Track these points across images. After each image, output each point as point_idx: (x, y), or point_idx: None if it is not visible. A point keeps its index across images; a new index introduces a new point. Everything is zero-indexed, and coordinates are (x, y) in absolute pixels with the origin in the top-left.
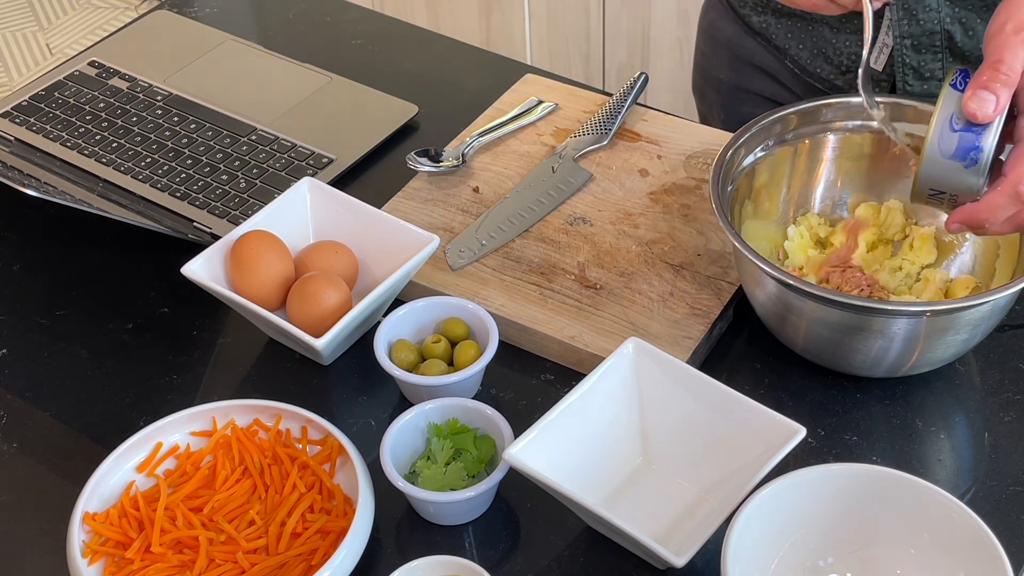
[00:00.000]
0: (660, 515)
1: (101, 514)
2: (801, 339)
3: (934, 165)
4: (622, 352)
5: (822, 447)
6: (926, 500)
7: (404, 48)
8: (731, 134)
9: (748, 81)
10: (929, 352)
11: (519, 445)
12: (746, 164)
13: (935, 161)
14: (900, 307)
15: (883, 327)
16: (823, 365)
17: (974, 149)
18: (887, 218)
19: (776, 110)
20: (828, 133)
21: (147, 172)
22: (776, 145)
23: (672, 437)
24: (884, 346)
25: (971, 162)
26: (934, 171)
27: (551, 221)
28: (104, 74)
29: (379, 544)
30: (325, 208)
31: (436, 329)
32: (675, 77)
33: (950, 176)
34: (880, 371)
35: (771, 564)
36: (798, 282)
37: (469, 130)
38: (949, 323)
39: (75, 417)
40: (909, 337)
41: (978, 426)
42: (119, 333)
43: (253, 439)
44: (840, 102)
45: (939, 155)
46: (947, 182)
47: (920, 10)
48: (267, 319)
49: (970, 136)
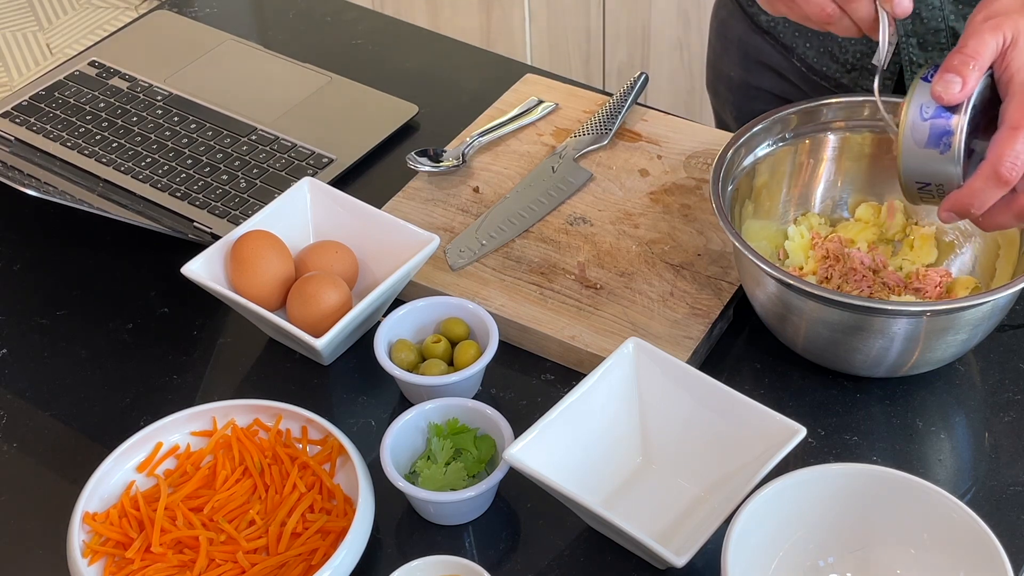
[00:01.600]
0: (660, 515)
1: (101, 514)
2: (801, 339)
3: (911, 157)
4: (622, 352)
5: (822, 447)
6: (926, 500)
7: (404, 48)
8: (731, 134)
9: (758, 79)
10: (929, 352)
11: (519, 445)
12: (746, 164)
13: (911, 152)
14: (900, 307)
15: (883, 327)
16: (823, 365)
17: (946, 134)
18: (886, 216)
19: (777, 110)
20: (828, 133)
21: (147, 172)
22: (776, 145)
23: (672, 437)
24: (884, 346)
25: (945, 147)
26: (912, 163)
27: (551, 221)
28: (104, 74)
29: (379, 544)
30: (325, 208)
31: (436, 329)
32: (675, 77)
33: (929, 166)
34: (880, 371)
35: (771, 564)
36: (798, 282)
37: (469, 130)
38: (949, 323)
39: (75, 417)
40: (909, 337)
41: (978, 426)
42: (119, 333)
43: (253, 439)
44: (840, 102)
45: (914, 145)
46: (927, 172)
47: (924, 8)
48: (267, 319)
49: (940, 122)
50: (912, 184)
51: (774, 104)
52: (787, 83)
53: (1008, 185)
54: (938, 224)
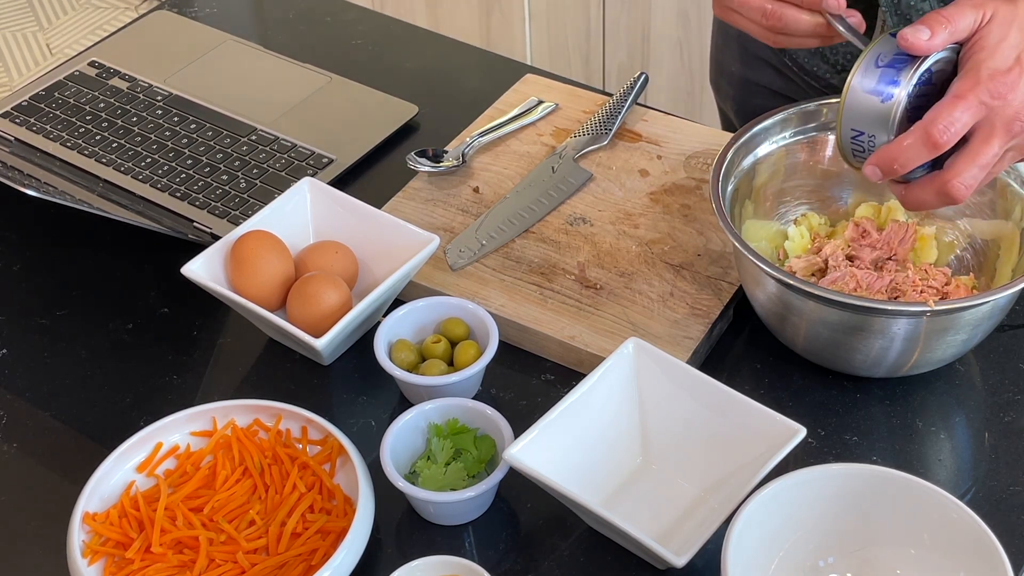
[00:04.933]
0: (660, 515)
1: (101, 514)
2: (801, 339)
3: (853, 100)
4: (622, 352)
5: (822, 447)
6: (926, 500)
7: (404, 48)
8: (731, 134)
9: (757, 75)
10: (929, 352)
11: (519, 445)
12: (746, 164)
13: (855, 96)
14: (900, 307)
15: (883, 327)
16: (823, 365)
17: (893, 83)
18: (887, 217)
19: (777, 110)
20: (828, 133)
21: (147, 172)
22: (776, 145)
23: (672, 437)
24: (884, 346)
25: (887, 96)
26: (853, 107)
27: (551, 221)
28: (104, 74)
29: (379, 544)
30: (325, 208)
31: (436, 329)
32: (675, 77)
33: (867, 113)
34: (880, 371)
35: (771, 564)
36: (798, 282)
37: (469, 130)
38: (949, 323)
39: (75, 417)
40: (909, 337)
41: (978, 426)
42: (119, 333)
43: (253, 439)
44: (833, 102)
45: (860, 90)
46: (864, 119)
47: (913, 13)
48: (267, 319)
49: (891, 72)
50: (847, 133)
51: (774, 100)
52: (785, 79)
53: (937, 148)
54: (938, 224)
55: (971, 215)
